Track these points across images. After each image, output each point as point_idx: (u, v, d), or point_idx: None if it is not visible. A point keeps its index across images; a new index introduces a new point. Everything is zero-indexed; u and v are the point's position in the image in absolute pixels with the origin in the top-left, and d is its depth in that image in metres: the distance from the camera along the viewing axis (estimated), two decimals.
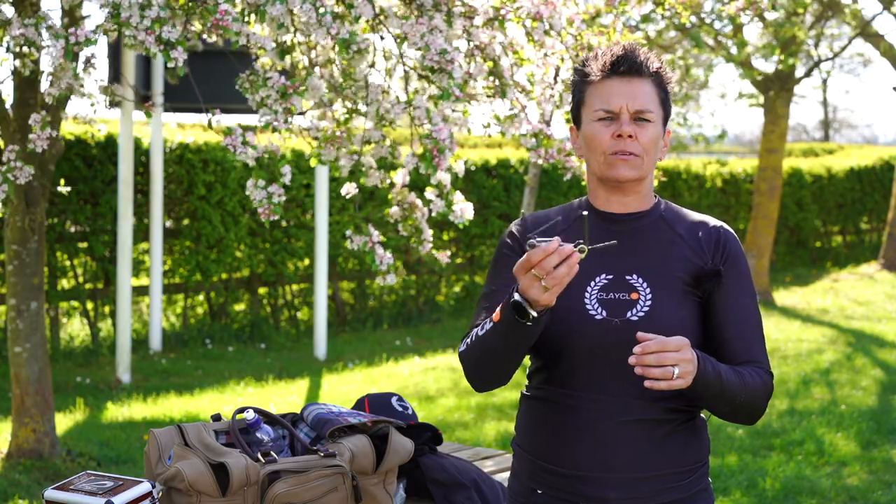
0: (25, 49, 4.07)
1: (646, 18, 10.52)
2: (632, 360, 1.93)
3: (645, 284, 2.12)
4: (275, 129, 3.84)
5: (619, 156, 2.12)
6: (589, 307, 2.12)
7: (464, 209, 4.16)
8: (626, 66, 2.13)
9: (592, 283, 2.14)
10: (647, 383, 1.94)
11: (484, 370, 2.14)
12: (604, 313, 2.11)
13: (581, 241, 1.94)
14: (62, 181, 8.55)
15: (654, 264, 2.14)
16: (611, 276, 2.14)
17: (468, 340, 2.13)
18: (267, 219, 3.90)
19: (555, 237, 1.93)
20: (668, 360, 1.92)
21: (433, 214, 4.19)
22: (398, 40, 3.97)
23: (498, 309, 2.03)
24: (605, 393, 2.08)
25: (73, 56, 3.57)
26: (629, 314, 2.10)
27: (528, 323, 1.97)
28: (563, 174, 4.26)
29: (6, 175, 4.00)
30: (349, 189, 4.30)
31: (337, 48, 3.80)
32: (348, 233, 4.25)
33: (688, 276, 2.13)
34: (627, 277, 2.13)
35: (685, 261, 2.14)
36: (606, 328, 2.09)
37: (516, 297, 1.96)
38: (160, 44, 3.54)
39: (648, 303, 2.10)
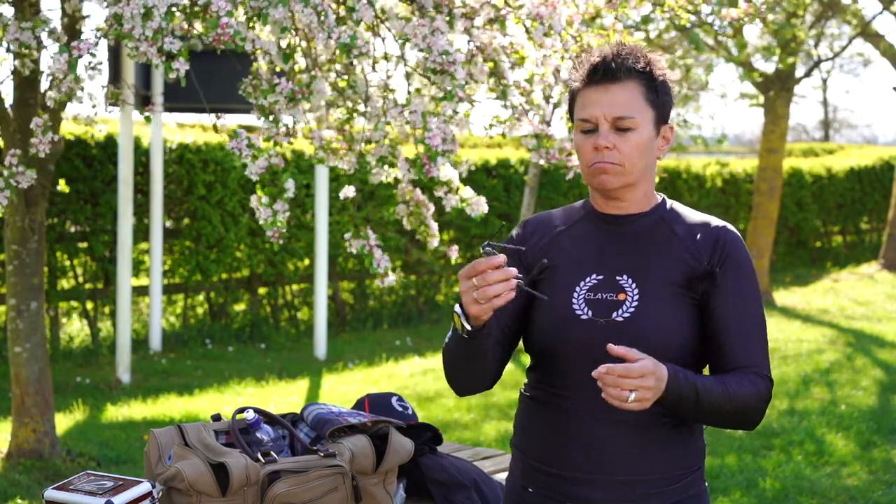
0: (25, 49, 4.07)
1: (646, 19, 10.51)
2: (594, 373, 1.92)
3: (634, 286, 2.09)
4: (276, 143, 3.87)
5: (599, 166, 2.09)
6: (575, 307, 2.10)
7: (478, 202, 4.19)
8: (600, 73, 2.10)
9: (582, 283, 2.12)
10: (603, 395, 1.93)
11: (454, 376, 2.16)
12: (590, 313, 2.09)
13: (522, 276, 1.97)
14: (62, 181, 8.54)
15: (647, 266, 2.11)
16: (601, 277, 2.12)
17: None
18: (276, 242, 3.95)
19: (502, 255, 1.94)
20: (626, 385, 1.90)
21: (448, 210, 4.22)
22: (400, 41, 3.97)
23: None
24: (597, 393, 2.01)
25: (76, 65, 3.59)
26: (614, 315, 2.08)
27: (464, 335, 2.00)
28: (564, 174, 4.28)
29: (8, 180, 4.01)
30: (347, 192, 4.33)
31: (338, 52, 3.81)
32: (347, 236, 4.28)
33: (682, 278, 2.09)
34: (618, 278, 2.11)
35: (680, 262, 2.11)
36: (591, 328, 2.07)
37: (457, 307, 1.99)
38: (162, 55, 3.56)
39: (635, 303, 2.07)
